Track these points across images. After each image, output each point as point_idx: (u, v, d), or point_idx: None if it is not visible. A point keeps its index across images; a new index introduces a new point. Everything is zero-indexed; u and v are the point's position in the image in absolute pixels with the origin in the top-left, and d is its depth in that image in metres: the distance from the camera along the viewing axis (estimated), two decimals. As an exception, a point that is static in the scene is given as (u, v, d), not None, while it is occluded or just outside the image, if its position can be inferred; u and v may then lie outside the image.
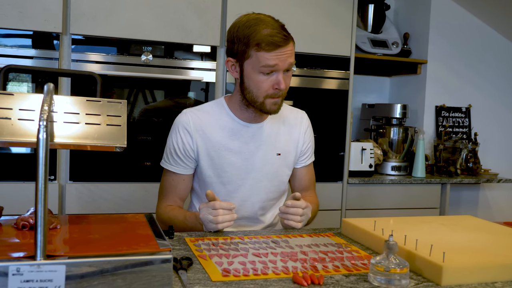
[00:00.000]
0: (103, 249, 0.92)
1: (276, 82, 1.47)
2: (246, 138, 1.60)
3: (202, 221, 1.42)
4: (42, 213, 0.84)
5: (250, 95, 1.52)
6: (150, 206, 2.41)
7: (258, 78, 1.48)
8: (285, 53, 1.45)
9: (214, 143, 1.58)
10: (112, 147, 1.02)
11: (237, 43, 1.49)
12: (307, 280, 1.01)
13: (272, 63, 1.44)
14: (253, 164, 1.60)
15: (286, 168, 1.67)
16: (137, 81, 2.44)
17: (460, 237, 1.30)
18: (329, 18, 2.73)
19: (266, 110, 1.53)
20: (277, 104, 1.52)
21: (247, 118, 1.60)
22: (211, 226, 1.39)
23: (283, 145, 1.65)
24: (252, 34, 1.44)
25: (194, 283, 0.99)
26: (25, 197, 2.24)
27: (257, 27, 1.44)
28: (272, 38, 1.42)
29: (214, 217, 1.38)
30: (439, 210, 3.05)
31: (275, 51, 1.43)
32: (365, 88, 3.54)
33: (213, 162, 1.58)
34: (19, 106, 0.98)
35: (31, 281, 0.82)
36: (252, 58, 1.46)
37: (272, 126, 1.64)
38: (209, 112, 1.62)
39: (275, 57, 1.44)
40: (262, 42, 1.42)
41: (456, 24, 3.37)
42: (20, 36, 2.28)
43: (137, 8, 2.39)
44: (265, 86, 1.48)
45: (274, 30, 1.44)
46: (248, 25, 1.47)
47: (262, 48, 1.43)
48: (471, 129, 3.45)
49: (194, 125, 1.58)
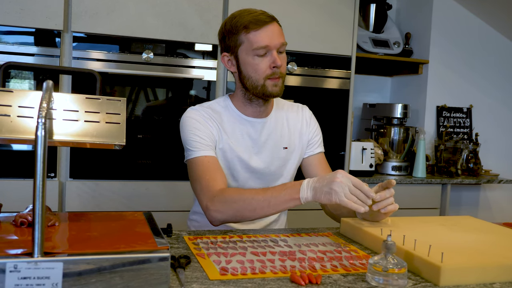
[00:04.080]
0: (101, 246, 0.92)
1: (272, 60, 1.50)
2: (253, 133, 1.61)
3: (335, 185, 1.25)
4: (40, 210, 0.84)
5: (250, 81, 1.53)
6: (150, 204, 2.42)
7: (253, 61, 1.51)
8: (273, 31, 1.51)
9: (225, 138, 1.58)
10: (111, 144, 1.02)
11: (227, 36, 1.55)
12: (305, 280, 1.01)
13: (263, 42, 1.49)
14: (261, 158, 1.61)
15: (293, 161, 1.67)
16: (138, 79, 2.44)
17: (459, 237, 1.30)
18: (331, 17, 2.72)
19: (268, 92, 1.53)
20: (278, 85, 1.53)
21: (252, 113, 1.61)
22: (340, 197, 1.24)
23: (288, 139, 1.65)
24: (239, 21, 1.52)
25: (191, 281, 0.99)
26: (25, 194, 2.24)
27: (242, 14, 1.53)
28: (257, 17, 1.50)
29: (350, 192, 1.25)
30: (439, 210, 3.05)
31: (263, 28, 1.49)
32: (366, 87, 3.54)
33: (225, 155, 1.58)
34: (18, 103, 0.98)
35: (28, 278, 0.83)
36: (244, 44, 1.51)
37: (277, 120, 1.65)
38: (215, 109, 1.62)
39: (265, 35, 1.49)
40: (249, 23, 1.49)
41: (458, 24, 3.36)
42: (21, 33, 2.28)
43: (138, 6, 2.39)
44: (263, 67, 1.51)
45: (257, 12, 1.52)
46: (232, 17, 1.55)
47: (250, 29, 1.49)
48: (472, 129, 3.44)
49: (205, 118, 1.57)
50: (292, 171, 1.68)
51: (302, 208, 2.69)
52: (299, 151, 1.69)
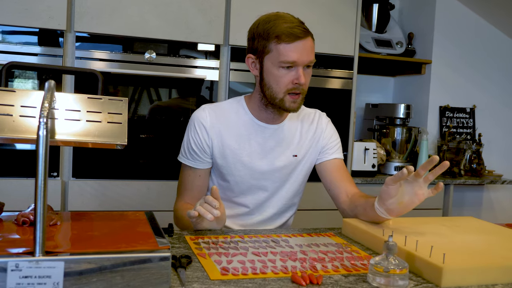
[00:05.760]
0: (102, 246, 0.92)
1: (296, 76, 1.46)
2: (263, 139, 1.59)
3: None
4: (41, 209, 0.84)
5: (269, 91, 1.50)
6: (152, 203, 2.43)
7: (278, 72, 1.47)
8: (305, 47, 1.45)
9: (230, 142, 1.57)
10: (113, 144, 1.03)
11: (257, 39, 1.49)
12: (306, 280, 1.01)
13: (292, 57, 1.44)
14: (268, 165, 1.59)
15: (301, 169, 1.64)
16: (141, 79, 2.44)
17: (461, 238, 1.30)
18: (333, 17, 2.72)
19: (286, 107, 1.51)
20: (297, 102, 1.51)
21: (266, 118, 1.59)
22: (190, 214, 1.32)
23: (300, 147, 1.62)
24: (272, 28, 1.46)
25: (192, 281, 1.00)
26: (27, 193, 2.25)
27: (277, 21, 1.47)
28: (291, 29, 1.44)
29: (198, 206, 1.31)
30: (442, 211, 3.04)
31: (295, 43, 1.44)
32: (368, 87, 3.54)
33: (227, 161, 1.57)
34: (20, 102, 0.99)
35: (29, 277, 0.83)
36: (272, 53, 1.46)
37: (290, 127, 1.62)
38: (227, 110, 1.60)
39: (295, 50, 1.44)
40: (282, 34, 1.44)
41: (460, 24, 3.36)
42: (25, 33, 2.29)
43: (141, 6, 2.40)
44: (285, 81, 1.47)
45: (294, 23, 1.46)
46: (267, 20, 1.49)
47: (282, 40, 1.44)
48: (475, 129, 3.43)
49: (211, 122, 1.57)
50: (300, 178, 1.65)
51: (304, 209, 2.70)
52: (310, 159, 1.65)
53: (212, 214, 1.26)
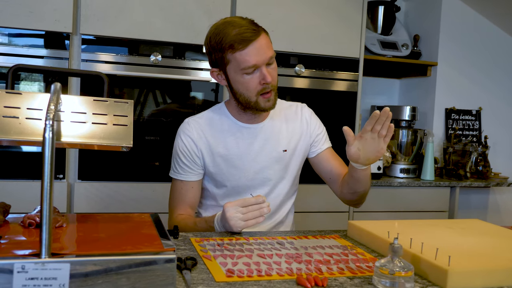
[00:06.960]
0: (108, 248, 0.93)
1: (262, 77, 1.48)
2: (250, 139, 1.61)
3: (229, 220, 1.36)
4: (47, 211, 0.85)
5: (242, 97, 1.53)
6: (158, 205, 2.43)
7: (243, 79, 1.49)
8: (260, 47, 1.46)
9: (219, 149, 1.59)
10: (119, 146, 1.03)
11: (213, 52, 1.51)
12: (311, 282, 1.01)
13: (250, 61, 1.45)
14: (260, 164, 1.61)
15: (295, 163, 1.66)
16: (147, 82, 2.45)
17: (466, 241, 1.29)
18: (339, 20, 2.72)
19: (262, 108, 1.54)
20: (271, 100, 1.53)
21: (248, 119, 1.61)
22: (240, 225, 1.36)
23: (287, 141, 1.65)
24: (223, 39, 1.46)
25: (197, 283, 1.00)
26: (33, 195, 2.25)
27: (226, 30, 1.47)
28: (241, 35, 1.44)
29: (244, 214, 1.35)
30: (448, 213, 3.03)
31: (249, 47, 1.44)
32: (374, 90, 3.53)
33: (220, 168, 1.59)
34: (27, 105, 0.99)
35: (35, 279, 0.83)
36: (231, 62, 1.48)
37: (274, 123, 1.64)
38: (211, 118, 1.63)
39: (251, 53, 1.45)
40: (233, 42, 1.44)
41: (466, 26, 3.35)
42: (31, 36, 2.30)
43: (146, 9, 2.41)
44: (253, 85, 1.49)
45: (242, 27, 1.45)
46: (217, 32, 1.49)
47: (236, 49, 1.45)
48: (481, 132, 3.42)
49: (197, 133, 1.60)
50: (294, 173, 1.68)
51: (309, 211, 2.69)
52: (301, 152, 1.68)
53: (262, 214, 1.36)
